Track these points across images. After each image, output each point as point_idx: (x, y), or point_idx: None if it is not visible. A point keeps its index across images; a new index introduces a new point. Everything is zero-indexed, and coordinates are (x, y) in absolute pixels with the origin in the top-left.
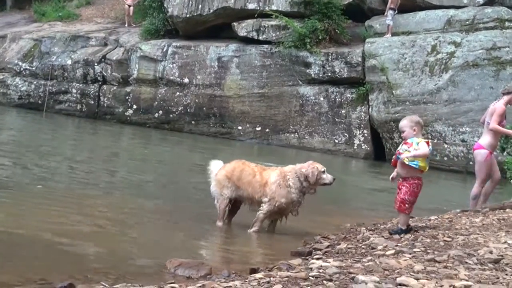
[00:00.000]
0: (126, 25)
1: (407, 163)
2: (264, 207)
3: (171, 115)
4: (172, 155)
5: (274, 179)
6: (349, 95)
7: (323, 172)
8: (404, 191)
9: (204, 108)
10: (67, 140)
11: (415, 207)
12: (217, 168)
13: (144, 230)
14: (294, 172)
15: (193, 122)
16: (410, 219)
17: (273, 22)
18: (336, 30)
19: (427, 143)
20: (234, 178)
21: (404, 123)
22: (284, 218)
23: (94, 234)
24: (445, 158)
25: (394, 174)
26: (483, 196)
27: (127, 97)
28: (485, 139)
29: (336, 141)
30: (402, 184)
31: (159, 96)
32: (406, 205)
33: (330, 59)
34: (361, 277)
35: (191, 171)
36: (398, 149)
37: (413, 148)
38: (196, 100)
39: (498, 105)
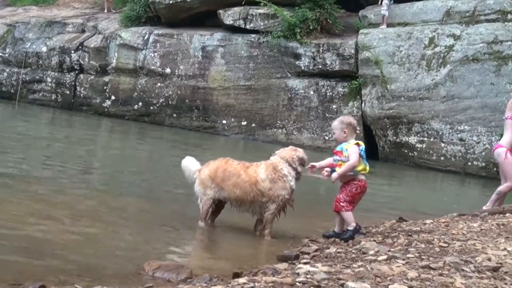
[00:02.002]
0: (105, 10)
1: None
2: (270, 207)
3: (151, 107)
4: (152, 150)
5: (264, 175)
6: (340, 89)
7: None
8: (341, 191)
9: (187, 101)
10: (41, 132)
11: (408, 208)
12: (193, 166)
13: (120, 230)
14: (285, 161)
15: (174, 115)
16: (404, 222)
17: (261, 10)
18: (328, 20)
19: (357, 144)
20: (218, 180)
21: (335, 124)
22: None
23: (68, 234)
24: (442, 158)
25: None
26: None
27: (105, 88)
28: (505, 137)
29: (326, 137)
30: (341, 187)
31: (139, 87)
32: (341, 203)
33: (321, 50)
34: (351, 284)
35: (171, 167)
36: (330, 160)
37: (344, 156)
38: (178, 92)
39: None
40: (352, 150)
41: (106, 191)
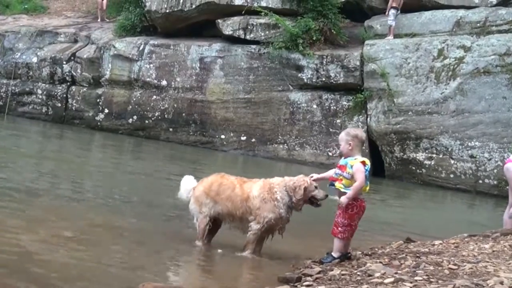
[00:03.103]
0: (99, 20)
1: (342, 190)
2: (253, 227)
3: (146, 121)
4: (147, 166)
5: (257, 193)
6: (345, 102)
7: (316, 187)
8: (338, 213)
9: (184, 114)
10: (30, 146)
11: (415, 229)
12: (189, 184)
13: (113, 250)
14: (283, 185)
15: (171, 129)
16: (411, 243)
17: (262, 20)
18: (332, 30)
19: (363, 163)
20: (213, 194)
21: (341, 136)
22: (270, 236)
23: (57, 254)
24: (451, 176)
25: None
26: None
27: (98, 100)
28: None
29: (330, 153)
30: (339, 206)
31: (134, 99)
32: (339, 229)
33: (324, 62)
34: None
35: (167, 184)
36: (332, 173)
37: (347, 172)
38: (175, 105)
39: None
40: (357, 169)
41: (98, 210)
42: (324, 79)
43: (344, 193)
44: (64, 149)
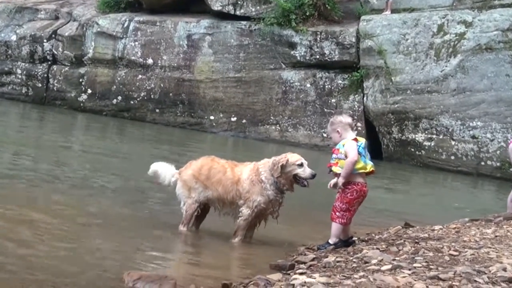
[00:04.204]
0: None
1: (340, 173)
2: (244, 212)
3: (131, 102)
4: (132, 149)
5: (246, 175)
6: (340, 81)
7: (300, 164)
8: (337, 197)
9: (171, 94)
10: (8, 130)
11: (414, 213)
12: (166, 169)
13: (97, 237)
14: (268, 166)
15: (157, 110)
16: (410, 228)
17: None
18: (326, 5)
19: (355, 140)
20: (202, 178)
21: (327, 130)
22: (263, 222)
23: (39, 241)
24: (452, 157)
25: (334, 181)
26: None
27: (80, 80)
28: None
29: (325, 135)
30: (339, 189)
31: (118, 79)
32: (337, 213)
33: (318, 39)
34: None
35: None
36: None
37: (340, 153)
38: (161, 85)
39: None
40: (348, 145)
41: (80, 195)
42: (318, 56)
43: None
44: (44, 132)
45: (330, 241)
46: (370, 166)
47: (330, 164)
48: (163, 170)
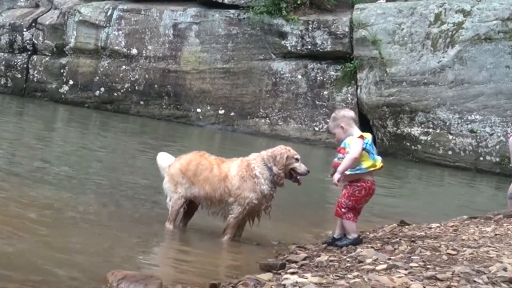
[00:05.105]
0: None
1: (347, 173)
2: (235, 210)
3: (115, 94)
4: (115, 143)
5: (235, 171)
6: (333, 72)
7: (297, 159)
8: (343, 193)
9: (156, 86)
10: None
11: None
12: (167, 162)
13: (78, 235)
14: (261, 159)
15: (141, 102)
16: (406, 226)
17: None
18: None
19: (361, 137)
20: (190, 174)
21: (330, 126)
22: (255, 220)
23: (17, 238)
24: (450, 152)
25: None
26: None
27: (62, 71)
28: None
29: (316, 128)
30: (345, 187)
31: (101, 70)
32: (343, 210)
33: (310, 28)
34: None
35: (137, 163)
36: (334, 159)
37: (347, 152)
38: (146, 76)
39: None
40: (354, 144)
41: (61, 190)
42: (309, 46)
43: (349, 176)
44: (23, 125)
45: (349, 237)
46: (379, 162)
47: (336, 164)
48: (162, 162)
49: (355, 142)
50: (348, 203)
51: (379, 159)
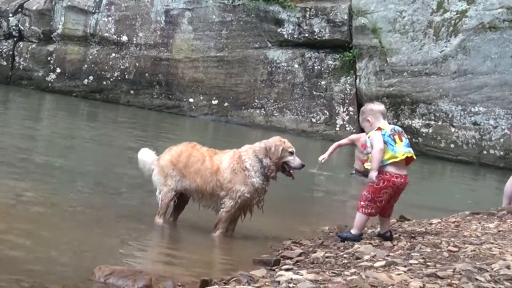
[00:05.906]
0: None
1: (367, 166)
2: (226, 203)
3: (104, 82)
4: (104, 134)
5: (226, 164)
6: (331, 62)
7: (291, 152)
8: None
9: (147, 75)
10: None
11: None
12: (149, 158)
13: (65, 229)
14: (252, 151)
15: (132, 91)
16: (406, 221)
17: None
18: None
19: (379, 129)
20: (180, 165)
21: (360, 120)
22: (247, 214)
23: (3, 233)
24: (452, 146)
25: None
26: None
27: (49, 58)
28: None
29: (314, 120)
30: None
31: (90, 57)
32: (362, 203)
33: (308, 15)
34: None
35: (126, 155)
36: (345, 141)
37: (368, 147)
38: (137, 64)
39: None
40: (373, 137)
41: (48, 183)
42: (307, 35)
43: (367, 170)
44: (9, 115)
45: (353, 231)
46: (401, 153)
47: (363, 160)
48: (145, 158)
49: (373, 135)
50: (368, 195)
51: (402, 150)
